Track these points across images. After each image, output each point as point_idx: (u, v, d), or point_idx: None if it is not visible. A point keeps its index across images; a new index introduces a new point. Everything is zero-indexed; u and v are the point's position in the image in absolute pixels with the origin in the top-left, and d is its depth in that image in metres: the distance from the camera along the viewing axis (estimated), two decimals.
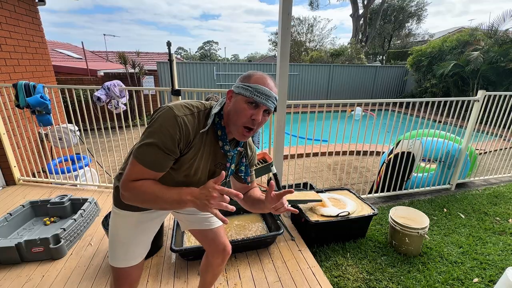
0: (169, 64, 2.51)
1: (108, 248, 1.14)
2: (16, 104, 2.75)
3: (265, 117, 0.95)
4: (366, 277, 2.01)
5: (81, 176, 3.27)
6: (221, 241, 1.30)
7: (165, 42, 2.46)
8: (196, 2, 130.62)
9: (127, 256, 1.12)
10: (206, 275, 1.43)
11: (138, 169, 0.87)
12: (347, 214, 2.30)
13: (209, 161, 1.00)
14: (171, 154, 0.88)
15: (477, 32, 9.13)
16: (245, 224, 2.39)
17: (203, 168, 1.00)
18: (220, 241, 1.30)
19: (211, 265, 1.36)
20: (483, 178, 3.79)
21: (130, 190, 0.88)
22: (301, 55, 17.52)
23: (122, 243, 1.10)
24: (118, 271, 1.13)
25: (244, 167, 1.10)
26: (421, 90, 10.98)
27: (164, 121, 0.86)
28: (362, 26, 18.34)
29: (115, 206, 1.09)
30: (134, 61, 8.05)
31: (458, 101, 3.13)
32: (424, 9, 19.18)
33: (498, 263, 2.17)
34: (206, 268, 1.40)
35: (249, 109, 0.91)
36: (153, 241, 1.22)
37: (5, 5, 3.15)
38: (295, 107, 2.73)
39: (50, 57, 3.96)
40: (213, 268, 1.37)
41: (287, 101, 2.35)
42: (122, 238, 1.10)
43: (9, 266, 1.90)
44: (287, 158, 4.62)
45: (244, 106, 0.91)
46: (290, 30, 2.12)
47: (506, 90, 8.02)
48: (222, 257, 1.32)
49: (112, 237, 1.12)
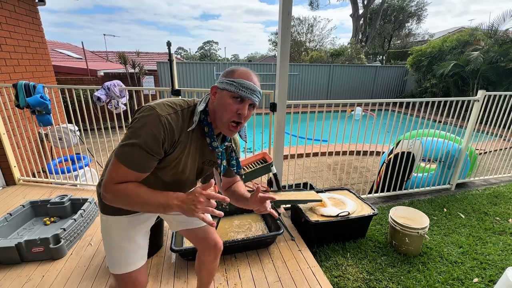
0: (169, 64, 2.51)
1: (107, 257, 1.11)
2: (16, 104, 2.75)
3: (250, 111, 0.96)
4: (366, 277, 2.01)
5: (81, 176, 3.27)
6: (211, 238, 1.30)
7: (165, 42, 2.46)
8: (196, 2, 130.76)
9: (128, 260, 1.08)
10: (201, 274, 1.42)
11: (121, 170, 0.85)
12: (347, 214, 2.30)
13: (196, 158, 1.00)
14: (155, 155, 0.86)
15: (477, 32, 9.13)
16: (245, 224, 2.39)
17: (191, 166, 1.00)
18: (211, 237, 1.30)
19: (204, 263, 1.36)
20: (483, 178, 3.79)
21: (113, 192, 0.86)
22: (301, 55, 17.52)
23: (118, 247, 1.07)
24: (122, 279, 1.09)
25: (235, 161, 1.11)
26: (421, 90, 10.98)
27: (147, 121, 0.84)
28: (362, 26, 18.34)
29: (103, 214, 1.07)
30: (134, 61, 8.05)
31: (458, 101, 3.13)
32: (424, 9, 19.20)
33: (498, 263, 2.17)
34: (200, 267, 1.39)
35: (234, 104, 0.91)
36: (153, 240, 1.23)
37: (5, 5, 3.15)
38: (295, 107, 2.73)
39: (50, 57, 3.96)
40: (207, 266, 1.37)
41: (287, 101, 2.35)
42: (117, 242, 1.07)
43: (9, 266, 1.89)
44: (287, 158, 4.62)
45: (230, 101, 0.91)
46: (290, 30, 2.12)
47: (506, 90, 8.01)
48: (214, 253, 1.32)
49: (107, 243, 1.09)
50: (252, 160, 2.25)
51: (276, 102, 2.36)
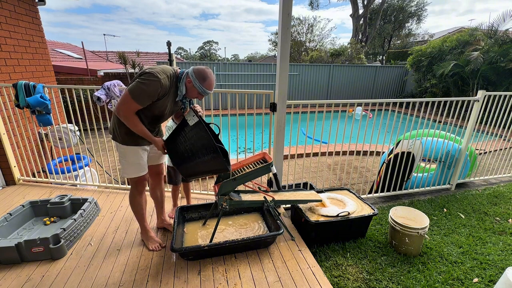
0: (169, 64, 2.52)
1: (124, 171, 1.90)
2: (16, 104, 2.75)
3: None
4: (366, 277, 2.01)
5: (81, 176, 3.27)
6: (160, 171, 2.17)
7: (165, 41, 2.50)
8: (195, 1, 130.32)
9: (140, 169, 1.89)
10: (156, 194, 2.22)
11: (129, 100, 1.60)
12: (347, 214, 2.30)
13: (172, 102, 1.79)
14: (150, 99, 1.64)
15: (477, 32, 9.13)
16: (245, 224, 2.39)
17: (170, 106, 1.79)
18: (159, 171, 2.17)
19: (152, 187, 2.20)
20: (483, 178, 3.79)
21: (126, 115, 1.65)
22: (301, 55, 17.52)
23: (133, 163, 1.86)
24: (138, 180, 1.92)
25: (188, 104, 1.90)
26: (421, 90, 10.99)
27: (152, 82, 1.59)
28: (362, 26, 18.34)
29: (122, 145, 1.80)
30: (134, 61, 8.05)
31: (458, 101, 3.13)
32: (424, 9, 19.19)
33: (498, 263, 2.17)
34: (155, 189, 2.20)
35: (197, 95, 1.79)
36: None
37: (5, 5, 3.15)
38: (295, 107, 2.73)
39: (50, 57, 3.96)
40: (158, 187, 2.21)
41: (287, 101, 2.36)
42: (134, 160, 1.86)
43: (9, 266, 1.90)
44: (287, 158, 4.62)
45: (195, 93, 1.77)
46: (290, 30, 2.12)
47: (506, 90, 8.02)
48: (158, 178, 2.18)
49: (126, 163, 1.87)
50: (252, 160, 2.25)
51: (276, 102, 2.36)
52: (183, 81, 1.72)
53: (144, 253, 2.06)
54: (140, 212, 2.05)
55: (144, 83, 1.58)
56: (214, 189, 2.14)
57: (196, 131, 1.72)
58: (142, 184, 1.97)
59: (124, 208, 2.67)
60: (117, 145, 1.85)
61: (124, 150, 1.83)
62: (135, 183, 1.94)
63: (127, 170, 1.89)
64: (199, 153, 1.74)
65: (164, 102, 1.72)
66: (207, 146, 1.70)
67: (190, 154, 1.76)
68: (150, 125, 1.84)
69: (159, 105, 1.71)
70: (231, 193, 2.10)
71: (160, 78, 1.59)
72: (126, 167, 1.88)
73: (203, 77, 1.70)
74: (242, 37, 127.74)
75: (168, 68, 1.70)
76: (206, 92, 1.74)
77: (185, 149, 1.77)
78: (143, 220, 2.09)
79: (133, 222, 2.41)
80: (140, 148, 1.86)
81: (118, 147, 1.85)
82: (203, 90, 1.72)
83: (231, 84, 10.73)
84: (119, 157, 1.90)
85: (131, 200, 2.02)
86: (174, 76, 1.71)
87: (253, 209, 2.55)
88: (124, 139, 1.79)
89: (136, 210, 2.04)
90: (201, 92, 1.73)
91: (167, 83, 1.65)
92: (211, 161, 1.73)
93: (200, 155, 1.74)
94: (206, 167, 1.79)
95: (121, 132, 1.78)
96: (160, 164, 2.15)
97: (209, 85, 1.73)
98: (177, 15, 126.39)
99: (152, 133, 1.85)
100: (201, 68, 1.72)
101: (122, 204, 2.77)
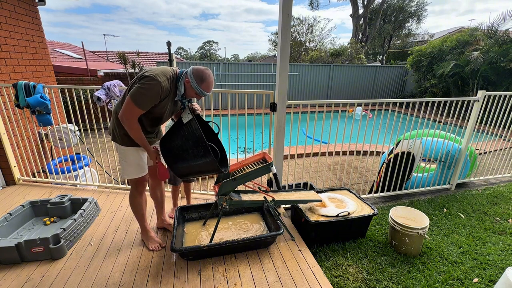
0: (169, 64, 2.52)
1: (124, 172, 1.91)
2: (16, 104, 2.75)
3: None
4: (366, 277, 2.01)
5: (81, 176, 3.27)
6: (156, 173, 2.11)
7: (165, 41, 2.49)
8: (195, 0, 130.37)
9: (139, 170, 1.91)
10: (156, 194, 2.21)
11: (132, 106, 1.59)
12: (347, 214, 2.30)
13: (172, 103, 1.80)
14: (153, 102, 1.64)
15: (477, 32, 9.13)
16: (245, 224, 2.39)
17: (169, 107, 1.80)
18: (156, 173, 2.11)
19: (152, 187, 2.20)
20: (483, 178, 3.79)
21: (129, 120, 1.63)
22: (301, 55, 17.51)
23: (134, 164, 1.88)
24: (138, 180, 1.94)
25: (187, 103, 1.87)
26: (421, 90, 10.99)
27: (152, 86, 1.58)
28: (362, 26, 18.34)
29: (122, 146, 1.81)
30: (134, 61, 8.05)
31: (458, 101, 3.13)
32: (424, 9, 19.19)
33: (498, 263, 2.17)
34: (154, 189, 2.20)
35: (194, 95, 1.78)
36: None
37: (5, 5, 3.15)
38: (295, 107, 2.73)
39: (50, 57, 3.96)
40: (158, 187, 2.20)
41: (287, 101, 2.36)
42: (134, 161, 1.87)
43: (9, 266, 1.90)
44: (287, 158, 4.62)
45: (193, 93, 1.76)
46: (290, 30, 2.12)
47: (506, 90, 8.03)
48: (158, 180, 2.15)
49: (126, 164, 1.88)
50: (252, 160, 2.25)
51: (276, 102, 2.36)
52: (182, 81, 1.72)
53: (144, 253, 2.06)
54: (140, 212, 2.05)
55: (144, 87, 1.57)
56: (214, 189, 2.14)
57: (188, 128, 1.70)
58: (142, 184, 1.99)
59: (124, 208, 2.68)
60: (117, 146, 1.86)
61: (124, 151, 1.84)
62: (135, 184, 1.96)
63: (127, 170, 1.90)
64: (189, 151, 1.71)
65: (165, 104, 1.73)
66: (198, 144, 1.67)
67: (181, 151, 1.73)
68: (150, 127, 1.84)
69: (160, 107, 1.71)
70: (231, 193, 2.10)
71: (160, 81, 1.58)
72: (126, 168, 1.89)
73: (201, 79, 1.69)
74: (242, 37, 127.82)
75: (167, 70, 1.69)
76: (203, 93, 1.73)
77: (177, 147, 1.75)
78: (143, 220, 2.10)
79: (133, 222, 2.41)
80: (140, 149, 1.87)
81: (118, 148, 1.86)
82: (201, 91, 1.72)
83: (231, 84, 10.73)
84: (119, 158, 1.91)
85: (131, 200, 2.02)
86: (173, 77, 1.71)
87: (253, 209, 2.55)
88: (124, 140, 1.79)
89: (136, 210, 2.05)
90: (198, 93, 1.73)
91: (167, 85, 1.64)
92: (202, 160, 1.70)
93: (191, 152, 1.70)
94: (199, 167, 1.75)
95: (121, 133, 1.78)
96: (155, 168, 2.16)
97: (207, 87, 1.72)
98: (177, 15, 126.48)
99: (152, 135, 1.91)
100: (200, 69, 1.71)
101: (122, 204, 2.77)
